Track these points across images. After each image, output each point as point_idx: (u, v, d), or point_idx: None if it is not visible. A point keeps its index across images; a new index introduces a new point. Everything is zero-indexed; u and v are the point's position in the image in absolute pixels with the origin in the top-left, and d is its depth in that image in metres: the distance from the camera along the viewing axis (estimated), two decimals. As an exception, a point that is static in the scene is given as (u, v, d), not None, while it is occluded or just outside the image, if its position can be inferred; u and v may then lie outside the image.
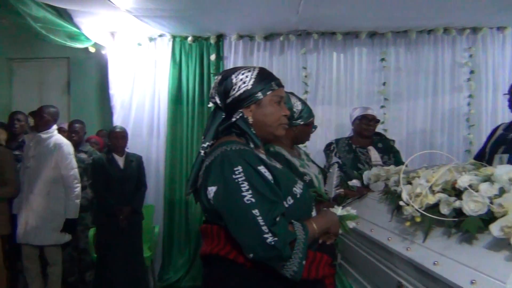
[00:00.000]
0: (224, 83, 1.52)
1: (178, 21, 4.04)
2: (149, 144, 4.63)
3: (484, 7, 3.71)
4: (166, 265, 4.59)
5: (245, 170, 1.35)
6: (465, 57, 4.42)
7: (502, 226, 1.16)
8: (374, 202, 2.22)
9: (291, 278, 1.30)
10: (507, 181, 1.31)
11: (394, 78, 4.48)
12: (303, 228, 1.36)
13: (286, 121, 1.58)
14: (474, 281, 1.14)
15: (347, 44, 4.50)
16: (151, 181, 4.55)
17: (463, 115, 4.44)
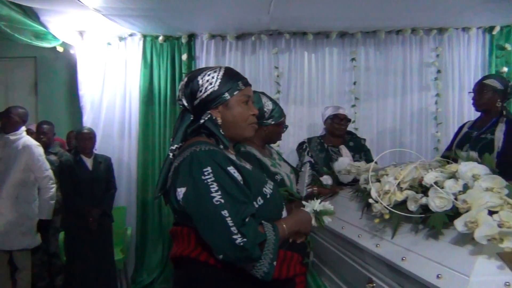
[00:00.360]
0: (190, 85, 1.51)
1: (149, 20, 4.00)
2: (120, 145, 4.56)
3: (450, 8, 3.81)
4: (139, 268, 4.53)
5: (214, 171, 1.34)
6: (432, 57, 4.53)
7: (466, 221, 1.20)
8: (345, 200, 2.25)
9: (261, 278, 1.31)
10: (470, 177, 1.36)
11: (364, 77, 4.55)
12: (274, 229, 1.37)
13: (255, 120, 1.58)
14: (440, 276, 1.17)
15: (318, 44, 4.54)
16: (123, 183, 4.49)
17: (430, 114, 4.55)
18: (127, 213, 4.51)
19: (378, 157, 1.81)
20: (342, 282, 1.97)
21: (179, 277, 1.49)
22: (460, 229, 1.21)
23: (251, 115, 1.55)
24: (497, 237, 1.13)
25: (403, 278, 1.36)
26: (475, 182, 1.33)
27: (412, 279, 1.29)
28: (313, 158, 3.27)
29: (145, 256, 4.54)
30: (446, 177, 1.43)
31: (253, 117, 1.56)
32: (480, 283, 1.09)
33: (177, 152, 1.49)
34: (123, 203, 4.50)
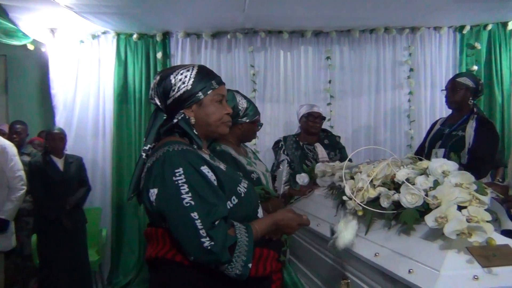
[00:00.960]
0: (162, 84, 1.49)
1: (122, 17, 3.94)
2: (94, 145, 4.49)
3: (422, 7, 3.88)
4: (115, 269, 4.47)
5: (186, 172, 1.33)
6: (405, 55, 4.61)
7: (436, 217, 1.22)
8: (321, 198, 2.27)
9: (236, 278, 1.31)
10: (440, 174, 1.39)
11: (339, 76, 4.60)
12: (247, 231, 1.36)
13: (229, 119, 1.57)
14: (411, 270, 1.20)
15: (293, 42, 4.57)
16: (97, 183, 4.43)
17: (404, 111, 4.63)
18: (102, 214, 4.44)
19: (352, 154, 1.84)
20: (317, 278, 1.99)
21: (155, 279, 1.48)
22: (431, 225, 1.23)
23: (225, 114, 1.54)
24: (466, 231, 1.16)
25: (376, 274, 1.38)
26: (445, 178, 1.36)
27: (384, 274, 1.32)
28: (289, 156, 3.29)
29: (121, 257, 4.49)
30: (417, 173, 1.46)
31: (227, 116, 1.55)
32: (450, 277, 1.11)
33: (150, 153, 1.48)
34: (97, 204, 4.43)
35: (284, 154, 3.31)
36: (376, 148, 3.90)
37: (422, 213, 1.32)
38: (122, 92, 4.46)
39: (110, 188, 4.47)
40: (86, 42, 4.45)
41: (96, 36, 4.45)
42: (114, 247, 4.47)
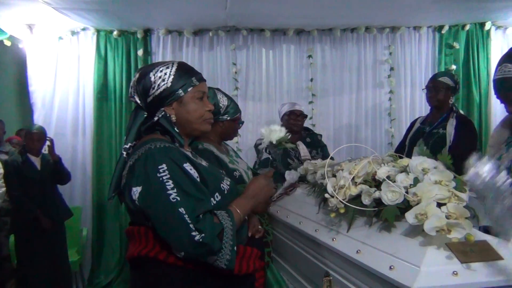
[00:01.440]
0: (142, 82, 1.47)
1: (102, 14, 3.89)
2: (74, 143, 4.44)
3: (402, 7, 3.93)
4: (96, 269, 4.43)
5: (169, 168, 1.33)
6: (385, 54, 4.67)
7: (416, 213, 1.24)
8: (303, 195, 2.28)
9: (226, 268, 1.31)
10: (420, 171, 1.40)
11: (320, 74, 4.63)
12: (228, 215, 1.37)
13: (211, 116, 1.56)
14: (392, 267, 1.21)
15: (275, 41, 4.58)
16: (78, 182, 4.38)
17: (384, 110, 4.69)
18: (83, 213, 4.38)
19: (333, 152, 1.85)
20: (300, 276, 2.00)
21: (137, 278, 1.47)
22: (411, 221, 1.25)
23: (206, 111, 1.53)
24: (445, 228, 1.17)
25: (358, 271, 1.39)
26: (425, 176, 1.37)
27: (366, 271, 1.33)
28: (271, 155, 3.29)
29: (102, 257, 4.44)
30: (397, 171, 1.48)
31: (209, 113, 1.55)
32: (429, 272, 1.13)
33: (131, 151, 1.46)
34: (78, 203, 4.38)
35: (266, 152, 3.31)
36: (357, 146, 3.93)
37: (402, 210, 1.33)
38: (102, 89, 4.41)
39: (90, 187, 4.42)
40: (65, 39, 4.38)
41: (76, 32, 4.38)
42: (95, 247, 4.43)
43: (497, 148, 1.87)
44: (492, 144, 1.92)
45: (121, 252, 4.43)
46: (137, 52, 4.41)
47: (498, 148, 1.86)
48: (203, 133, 1.59)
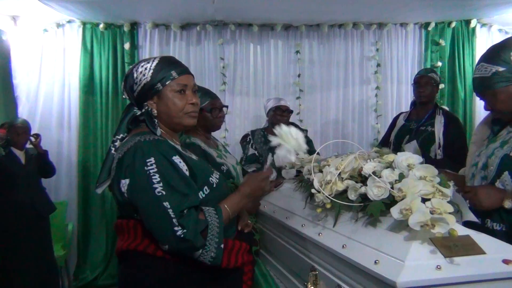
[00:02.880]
0: (128, 79, 1.52)
1: (88, 6, 3.83)
2: (59, 137, 4.38)
3: (389, 4, 3.95)
4: (82, 264, 4.40)
5: (157, 162, 1.34)
6: (372, 51, 4.69)
7: (401, 208, 1.25)
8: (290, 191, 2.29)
9: (211, 264, 1.32)
10: (405, 167, 1.42)
11: (308, 70, 4.63)
12: (216, 212, 1.38)
13: (194, 109, 1.54)
14: (377, 261, 1.22)
15: (263, 35, 4.57)
16: (63, 177, 4.34)
17: (371, 106, 4.72)
18: (68, 208, 4.34)
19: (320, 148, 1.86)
20: (287, 271, 2.01)
21: (125, 272, 1.47)
22: (396, 216, 1.26)
23: (188, 104, 1.52)
24: (429, 223, 1.19)
25: (344, 265, 1.41)
26: (410, 172, 1.39)
27: (351, 265, 1.34)
28: (257, 150, 3.29)
29: (88, 252, 4.42)
30: (383, 166, 1.49)
31: (191, 106, 1.53)
32: (414, 267, 1.14)
33: (119, 144, 1.46)
34: (63, 198, 4.33)
35: (252, 148, 3.31)
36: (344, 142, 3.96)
37: (388, 205, 1.35)
38: (88, 83, 4.36)
39: (76, 182, 4.38)
40: (51, 31, 4.32)
41: (61, 25, 4.32)
42: (81, 242, 4.40)
43: (479, 145, 1.90)
44: (475, 141, 1.95)
45: (107, 247, 4.40)
46: (123, 46, 4.36)
47: (480, 144, 1.90)
48: (187, 127, 1.60)
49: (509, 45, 1.67)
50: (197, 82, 1.65)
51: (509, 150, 1.65)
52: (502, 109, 1.70)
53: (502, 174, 1.65)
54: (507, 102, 1.67)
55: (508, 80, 1.64)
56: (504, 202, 1.58)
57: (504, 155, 1.66)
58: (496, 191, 1.62)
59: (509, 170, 1.63)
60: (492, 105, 1.73)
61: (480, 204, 1.60)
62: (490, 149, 1.76)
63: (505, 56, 1.65)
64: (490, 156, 1.72)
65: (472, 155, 1.90)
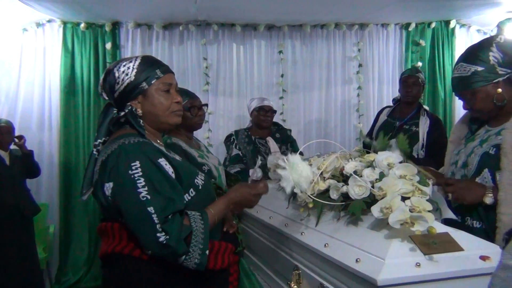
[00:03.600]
0: (107, 79, 1.48)
1: (68, 5, 3.77)
2: (40, 138, 4.31)
3: (370, 4, 3.99)
4: (64, 266, 4.33)
5: (142, 165, 1.32)
6: (354, 51, 4.73)
7: (381, 207, 1.27)
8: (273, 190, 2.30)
9: (195, 269, 1.31)
10: (386, 166, 1.44)
11: (291, 70, 4.65)
12: (202, 218, 1.36)
13: (179, 108, 1.54)
14: (358, 260, 1.24)
15: (246, 36, 4.57)
16: (44, 178, 4.26)
17: (353, 106, 4.76)
18: (49, 210, 4.28)
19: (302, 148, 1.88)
20: (270, 271, 2.02)
21: (110, 275, 1.45)
22: (376, 215, 1.28)
23: (174, 103, 1.52)
24: (409, 221, 1.21)
25: (326, 264, 1.42)
26: (390, 170, 1.41)
27: (334, 264, 1.36)
28: (241, 150, 3.29)
29: (70, 255, 4.36)
30: (364, 166, 1.51)
31: (177, 105, 1.53)
32: (394, 264, 1.16)
33: (101, 147, 1.44)
34: (44, 200, 4.26)
35: (236, 148, 3.31)
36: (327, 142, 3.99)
37: (369, 204, 1.37)
38: (70, 83, 4.30)
39: (57, 183, 4.31)
40: (30, 31, 4.25)
41: (41, 24, 4.26)
42: (62, 244, 4.33)
43: (457, 144, 1.94)
44: (452, 140, 1.99)
45: (90, 249, 4.35)
46: (105, 46, 4.31)
47: (458, 143, 1.93)
48: (173, 126, 1.58)
49: (487, 45, 1.70)
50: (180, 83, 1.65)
51: (488, 148, 1.68)
52: (481, 108, 1.73)
53: (482, 171, 1.68)
54: (485, 101, 1.70)
55: (486, 80, 1.67)
56: (484, 197, 1.61)
57: (484, 153, 1.69)
58: (478, 186, 1.65)
59: (488, 167, 1.66)
60: (471, 105, 1.76)
61: (462, 198, 1.62)
62: (469, 147, 1.79)
63: (484, 56, 1.68)
64: (469, 155, 1.75)
65: (451, 153, 1.94)
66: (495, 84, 1.67)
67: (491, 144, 1.68)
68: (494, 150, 1.65)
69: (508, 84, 1.68)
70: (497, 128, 1.72)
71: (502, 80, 1.67)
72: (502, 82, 1.67)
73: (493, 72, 1.67)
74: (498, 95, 1.67)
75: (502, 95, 1.67)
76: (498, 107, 1.69)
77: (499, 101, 1.68)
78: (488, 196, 1.60)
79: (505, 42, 1.69)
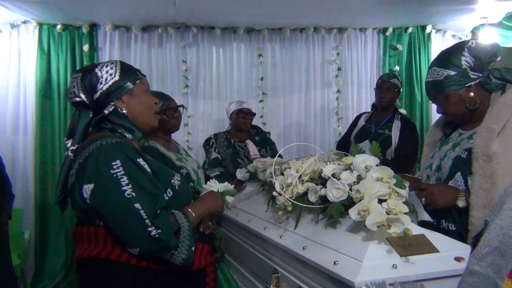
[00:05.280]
0: (88, 78, 1.46)
1: (44, 6, 3.70)
2: (14, 141, 4.21)
3: (348, 9, 4.03)
4: (39, 273, 4.23)
5: (123, 164, 1.32)
6: (333, 55, 4.78)
7: (358, 210, 1.29)
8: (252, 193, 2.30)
9: (181, 265, 1.33)
10: (363, 168, 1.46)
11: (271, 73, 4.67)
12: (185, 216, 1.39)
13: (157, 109, 1.61)
14: (336, 262, 1.25)
15: (226, 39, 4.57)
16: (18, 183, 4.16)
17: (332, 109, 4.81)
18: (24, 215, 4.18)
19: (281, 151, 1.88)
20: (249, 274, 2.02)
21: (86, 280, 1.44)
22: (354, 217, 1.30)
23: (154, 103, 1.58)
24: (386, 223, 1.23)
25: (305, 267, 1.43)
26: (367, 173, 1.43)
27: (312, 267, 1.36)
28: (220, 154, 3.28)
29: (46, 260, 4.26)
30: (342, 169, 1.53)
31: (155, 106, 1.59)
32: (371, 266, 1.17)
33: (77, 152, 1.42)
34: (19, 205, 4.14)
35: (216, 152, 3.30)
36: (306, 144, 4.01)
37: (347, 207, 1.38)
38: (45, 86, 4.21)
39: (33, 188, 4.21)
40: (4, 32, 4.15)
41: (16, 25, 4.16)
42: (38, 250, 4.23)
43: (432, 147, 1.97)
44: (427, 143, 2.02)
45: (66, 255, 4.26)
46: (82, 48, 4.25)
47: (433, 146, 1.97)
48: (151, 129, 1.60)
49: (459, 50, 1.74)
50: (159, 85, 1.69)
51: (460, 152, 1.71)
52: (454, 112, 1.77)
53: (454, 175, 1.71)
54: (458, 105, 1.73)
55: (459, 84, 1.71)
56: (457, 201, 1.64)
57: (456, 157, 1.72)
58: (451, 190, 1.68)
59: (461, 171, 1.69)
60: (445, 108, 1.79)
61: (435, 203, 1.65)
62: (442, 151, 1.82)
63: (456, 60, 1.71)
64: (443, 158, 1.78)
65: (426, 157, 1.97)
66: (467, 88, 1.71)
67: (463, 148, 1.71)
68: (466, 154, 1.68)
69: (480, 88, 1.71)
70: (469, 132, 1.76)
71: (474, 84, 1.71)
72: (474, 86, 1.71)
73: (465, 76, 1.70)
74: (471, 99, 1.71)
75: (474, 99, 1.71)
76: (470, 110, 1.73)
77: (472, 105, 1.71)
78: (461, 200, 1.63)
79: (477, 46, 1.73)
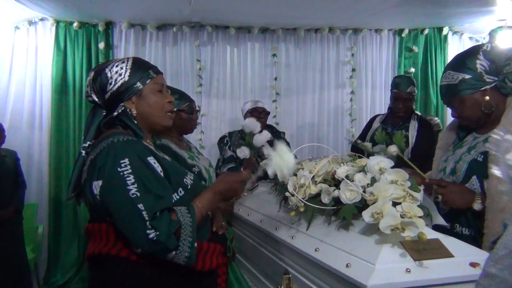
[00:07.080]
0: (98, 79, 1.45)
1: (61, 4, 3.75)
2: (30, 137, 4.26)
3: (364, 10, 4.01)
4: (53, 268, 4.28)
5: (132, 163, 1.31)
6: (347, 55, 4.75)
7: (372, 212, 1.27)
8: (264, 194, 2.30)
9: (185, 264, 1.30)
10: (377, 171, 1.44)
11: (284, 73, 4.66)
12: (188, 211, 1.36)
13: (172, 108, 1.56)
14: (349, 264, 1.24)
15: (240, 38, 4.57)
16: (33, 178, 4.22)
17: (346, 110, 4.78)
18: (38, 210, 4.23)
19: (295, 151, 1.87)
20: (260, 274, 2.02)
21: (96, 276, 1.44)
22: (367, 220, 1.28)
23: (167, 103, 1.53)
24: (400, 226, 1.21)
25: (316, 268, 1.42)
26: (382, 176, 1.41)
27: (324, 268, 1.35)
28: (235, 152, 3.28)
29: (59, 255, 4.31)
30: (356, 170, 1.51)
31: (169, 105, 1.54)
32: (384, 270, 1.16)
33: (90, 149, 1.43)
34: (33, 200, 4.21)
35: (230, 150, 3.30)
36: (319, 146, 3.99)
37: (360, 209, 1.37)
38: (61, 83, 4.26)
39: (47, 183, 4.26)
40: (22, 29, 4.21)
41: (33, 22, 4.22)
42: (51, 245, 4.28)
43: (445, 150, 1.95)
44: (440, 146, 2.00)
45: (79, 250, 4.31)
46: (98, 45, 4.29)
47: (446, 150, 1.94)
48: (164, 128, 1.58)
49: (474, 53, 1.71)
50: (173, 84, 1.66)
51: (476, 155, 1.69)
52: (469, 116, 1.74)
53: (470, 178, 1.69)
54: (473, 109, 1.71)
55: (474, 88, 1.68)
56: (473, 204, 1.62)
57: (472, 160, 1.69)
58: (469, 192, 1.66)
59: (477, 174, 1.67)
60: (459, 112, 1.76)
61: (452, 202, 1.63)
62: (457, 154, 1.79)
63: (471, 64, 1.69)
64: (458, 162, 1.76)
65: (438, 160, 1.94)
66: (483, 92, 1.68)
67: (479, 151, 1.69)
68: (482, 157, 1.65)
69: (495, 92, 1.69)
70: (484, 135, 1.73)
71: (489, 87, 1.68)
72: (490, 90, 1.68)
73: (481, 80, 1.68)
74: (486, 103, 1.68)
75: (490, 103, 1.68)
76: (486, 114, 1.70)
77: (487, 108, 1.68)
78: (477, 203, 1.61)
79: (492, 50, 1.70)
